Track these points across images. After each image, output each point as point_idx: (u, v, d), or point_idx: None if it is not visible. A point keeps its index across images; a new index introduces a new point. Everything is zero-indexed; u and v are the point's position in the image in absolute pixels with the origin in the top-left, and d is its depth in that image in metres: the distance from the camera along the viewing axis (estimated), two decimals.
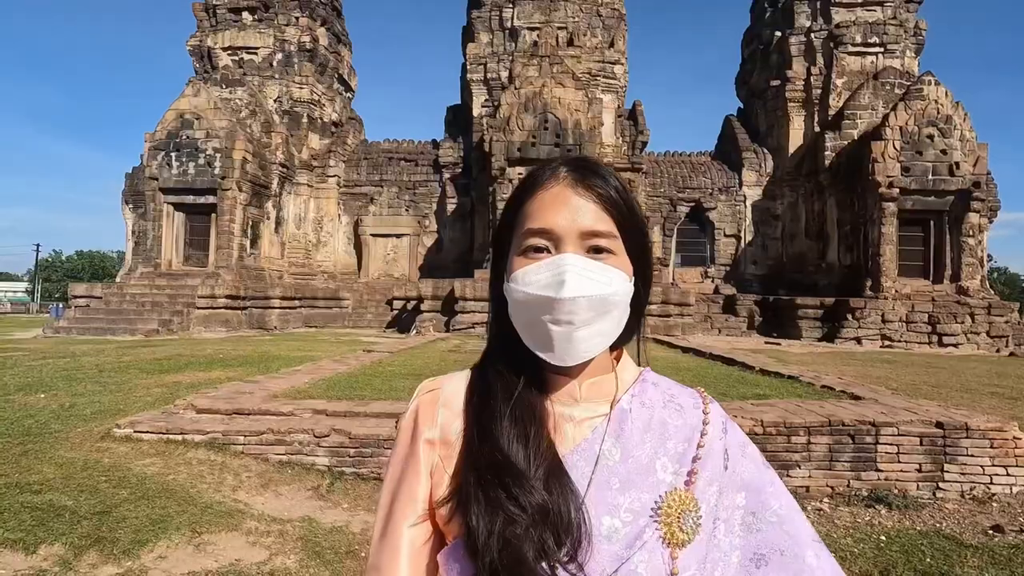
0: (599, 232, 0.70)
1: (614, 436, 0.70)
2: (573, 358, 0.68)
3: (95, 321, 15.45)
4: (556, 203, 0.70)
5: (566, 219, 0.69)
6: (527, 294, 0.68)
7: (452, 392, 0.75)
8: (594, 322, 0.68)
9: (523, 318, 0.70)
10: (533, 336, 0.69)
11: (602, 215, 0.70)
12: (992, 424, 4.10)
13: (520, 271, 0.70)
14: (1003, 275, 56.67)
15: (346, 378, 6.54)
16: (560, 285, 0.66)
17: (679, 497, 0.66)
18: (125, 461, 3.94)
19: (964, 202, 16.67)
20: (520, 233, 0.72)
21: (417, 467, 0.71)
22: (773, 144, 21.26)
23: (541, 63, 18.25)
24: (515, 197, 0.75)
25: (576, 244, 0.69)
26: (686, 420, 0.73)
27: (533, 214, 0.71)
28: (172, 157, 17.60)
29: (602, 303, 0.67)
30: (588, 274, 0.67)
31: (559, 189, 0.71)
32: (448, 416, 0.73)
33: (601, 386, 0.74)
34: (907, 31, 19.63)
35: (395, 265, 21.48)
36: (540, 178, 0.74)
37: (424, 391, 0.76)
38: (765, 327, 18.22)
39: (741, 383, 6.45)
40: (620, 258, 0.71)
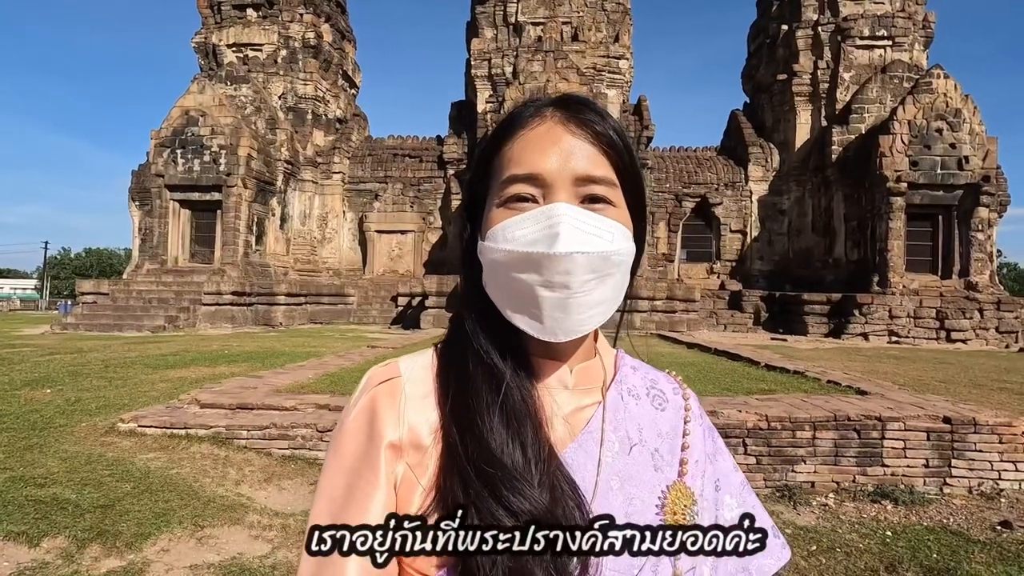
0: (596, 178, 0.58)
1: (612, 428, 0.62)
2: (567, 332, 0.57)
3: (102, 318, 15.55)
4: (544, 143, 0.58)
5: (556, 162, 0.57)
6: (509, 252, 0.55)
7: (416, 379, 0.61)
8: (594, 287, 0.56)
9: (504, 283, 0.57)
10: (517, 305, 0.57)
11: (599, 157, 0.59)
12: (1001, 419, 4.05)
13: (499, 225, 0.57)
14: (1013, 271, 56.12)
15: (349, 373, 6.55)
16: (553, 239, 0.54)
17: (679, 490, 0.62)
18: (129, 455, 3.96)
19: (973, 196, 16.50)
20: (499, 182, 0.59)
21: (375, 481, 0.55)
22: (780, 139, 21.10)
23: (545, 58, 18.18)
24: (492, 140, 0.63)
25: (569, 192, 0.57)
26: (669, 408, 0.68)
27: (516, 158, 0.59)
28: (178, 154, 17.66)
29: (603, 263, 0.56)
30: (586, 227, 0.56)
31: (547, 127, 0.59)
32: (416, 411, 0.58)
33: (590, 372, 0.65)
34: (916, 23, 19.40)
35: (400, 261, 21.50)
36: (522, 115, 0.61)
37: (378, 380, 0.60)
38: (771, 323, 18.13)
39: (746, 378, 6.42)
40: (620, 210, 0.60)
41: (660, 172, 21.11)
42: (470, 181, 0.65)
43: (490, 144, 0.63)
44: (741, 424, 4.06)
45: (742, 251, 20.94)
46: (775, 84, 21.08)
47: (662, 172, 21.15)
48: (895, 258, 16.58)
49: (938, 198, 16.75)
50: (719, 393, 5.25)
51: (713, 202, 20.76)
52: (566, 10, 19.85)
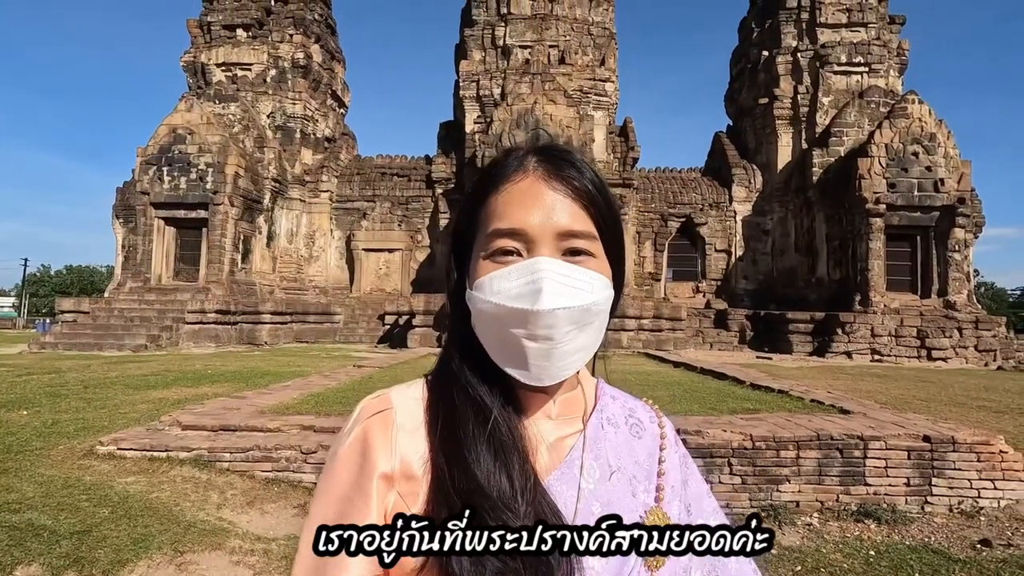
0: (576, 232, 0.61)
1: (592, 456, 0.64)
2: (552, 377, 0.61)
3: (82, 336, 15.27)
4: (527, 199, 0.61)
5: (539, 217, 0.61)
6: (496, 305, 0.59)
7: (407, 411, 0.63)
8: (574, 336, 0.60)
9: (492, 332, 0.61)
10: (504, 353, 0.61)
11: (579, 212, 0.62)
12: (978, 437, 4.12)
13: (486, 277, 0.61)
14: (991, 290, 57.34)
15: (335, 393, 6.49)
16: (536, 295, 0.57)
17: (656, 515, 0.64)
18: (107, 479, 3.88)
19: (949, 218, 16.93)
20: (485, 234, 0.62)
21: (366, 511, 0.57)
22: (762, 160, 21.56)
23: (533, 80, 18.48)
24: (478, 189, 0.66)
25: (551, 246, 0.61)
26: (646, 436, 0.71)
27: (500, 211, 0.62)
28: (164, 172, 17.58)
29: (584, 314, 0.59)
30: (567, 280, 0.59)
31: (529, 182, 0.63)
32: (407, 442, 0.61)
33: (572, 402, 0.68)
34: (890, 51, 20.08)
35: (387, 280, 21.45)
36: (506, 169, 0.65)
37: (370, 412, 0.63)
38: (756, 341, 18.30)
39: (731, 397, 6.46)
40: (599, 261, 0.63)
41: (646, 192, 21.41)
42: (456, 226, 0.68)
43: (475, 193, 0.66)
44: (726, 444, 4.09)
45: (727, 270, 21.21)
46: (757, 108, 21.60)
47: (648, 192, 21.46)
48: (876, 278, 16.90)
49: (916, 219, 17.17)
50: (705, 412, 5.29)
51: (698, 222, 21.07)
52: (553, 34, 20.26)
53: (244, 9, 20.88)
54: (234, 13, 20.85)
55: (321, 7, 22.75)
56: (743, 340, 18.63)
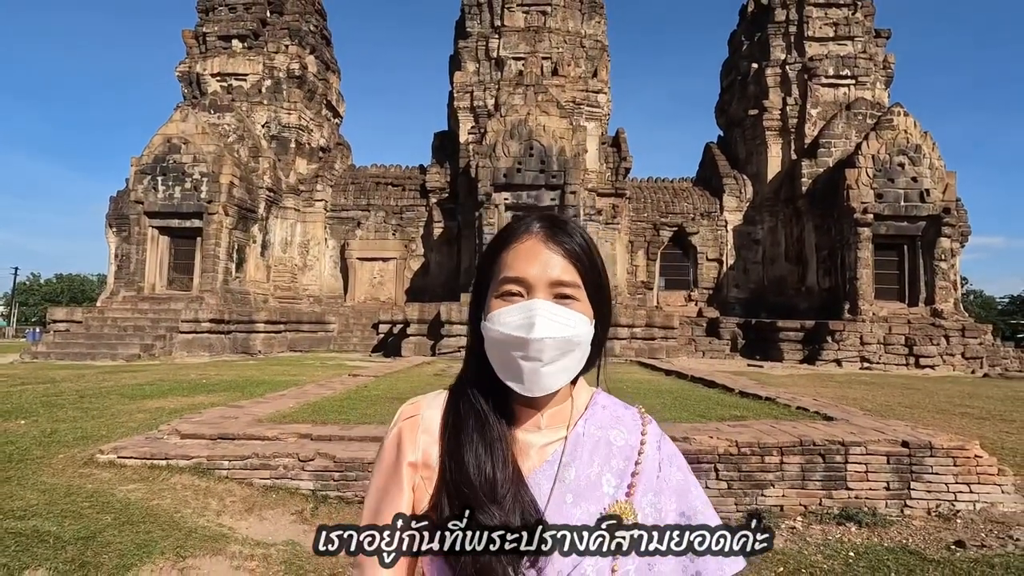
0: (565, 282, 0.81)
1: (570, 458, 0.81)
2: (541, 389, 0.79)
3: (74, 346, 15.23)
4: (529, 255, 0.82)
5: (537, 269, 0.81)
6: (502, 333, 0.79)
7: (430, 417, 0.85)
8: (559, 359, 0.78)
9: (497, 353, 0.80)
10: (506, 369, 0.80)
11: (568, 267, 0.82)
12: (955, 443, 4.27)
13: (496, 312, 0.81)
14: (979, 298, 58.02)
15: (331, 402, 6.57)
16: (531, 327, 0.77)
17: (619, 507, 0.79)
18: (109, 487, 3.95)
19: (935, 227, 17.25)
20: (498, 279, 0.83)
21: (400, 484, 0.81)
22: (752, 171, 21.87)
23: (526, 92, 18.73)
24: (493, 246, 0.87)
25: (545, 291, 0.81)
26: (627, 440, 0.85)
27: (509, 263, 0.82)
28: (158, 181, 17.64)
29: (566, 343, 0.78)
30: (555, 317, 0.79)
31: (532, 243, 0.83)
32: (428, 441, 0.83)
33: (560, 413, 0.85)
34: (876, 64, 20.50)
35: (382, 289, 21.52)
36: (516, 231, 0.85)
37: (405, 416, 0.86)
38: (748, 350, 18.49)
39: (720, 405, 6.60)
40: (582, 304, 0.82)
41: (638, 202, 21.66)
42: (478, 270, 0.89)
43: (490, 249, 0.87)
44: (712, 450, 4.21)
45: (719, 279, 21.44)
46: (747, 119, 21.95)
47: (640, 202, 21.70)
48: (864, 286, 17.16)
49: (903, 229, 17.48)
50: (693, 419, 5.42)
51: (690, 231, 21.31)
52: (546, 46, 20.55)
53: (239, 20, 21.06)
54: (229, 24, 21.02)
55: (316, 19, 22.97)
56: (735, 348, 18.82)
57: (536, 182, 17.80)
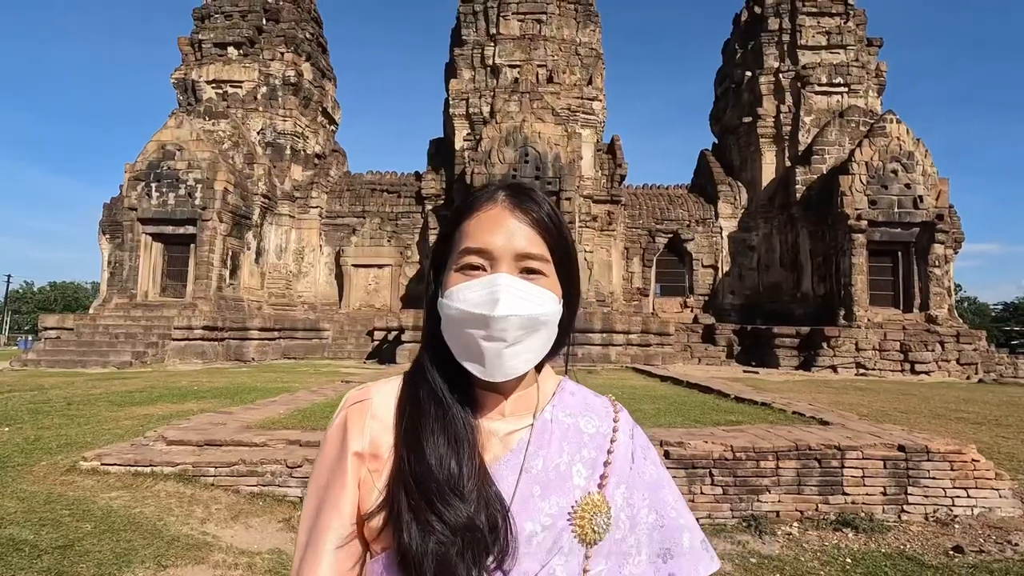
0: (532, 254, 0.73)
1: (536, 446, 0.73)
2: (503, 374, 0.71)
3: (66, 353, 15.08)
4: (493, 224, 0.73)
5: (502, 240, 0.72)
6: (461, 310, 0.70)
7: (381, 403, 0.75)
8: (524, 340, 0.70)
9: (456, 333, 0.72)
10: (465, 351, 0.71)
11: (535, 238, 0.73)
12: (951, 447, 4.22)
13: (455, 287, 0.72)
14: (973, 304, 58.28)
15: (322, 408, 6.48)
16: (494, 303, 0.69)
17: (592, 500, 0.72)
18: (91, 494, 3.86)
19: (929, 234, 17.31)
20: (458, 251, 0.74)
21: (344, 480, 0.71)
22: (747, 178, 21.95)
23: (522, 99, 18.77)
24: (455, 215, 0.78)
25: (510, 264, 0.72)
26: (599, 427, 0.78)
27: (471, 233, 0.74)
28: (152, 187, 17.56)
29: (532, 322, 0.70)
30: (520, 294, 0.70)
31: (497, 211, 0.74)
32: (377, 428, 0.73)
33: (525, 399, 0.77)
34: (869, 72, 20.66)
35: (377, 296, 21.43)
36: (479, 199, 0.77)
37: (352, 401, 0.76)
38: (744, 356, 18.46)
39: (716, 410, 6.54)
40: (550, 280, 0.74)
41: (634, 209, 21.68)
42: (436, 245, 0.80)
43: (452, 219, 0.78)
44: (707, 455, 4.15)
45: (714, 285, 21.45)
46: (741, 126, 22.05)
47: (636, 209, 21.73)
48: (859, 292, 17.18)
49: (896, 235, 17.53)
50: (688, 424, 5.36)
51: (685, 238, 21.34)
52: (541, 54, 20.64)
53: (235, 27, 21.08)
54: (225, 31, 21.05)
55: (313, 27, 23.03)
56: (731, 355, 18.79)
57: None
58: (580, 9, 21.47)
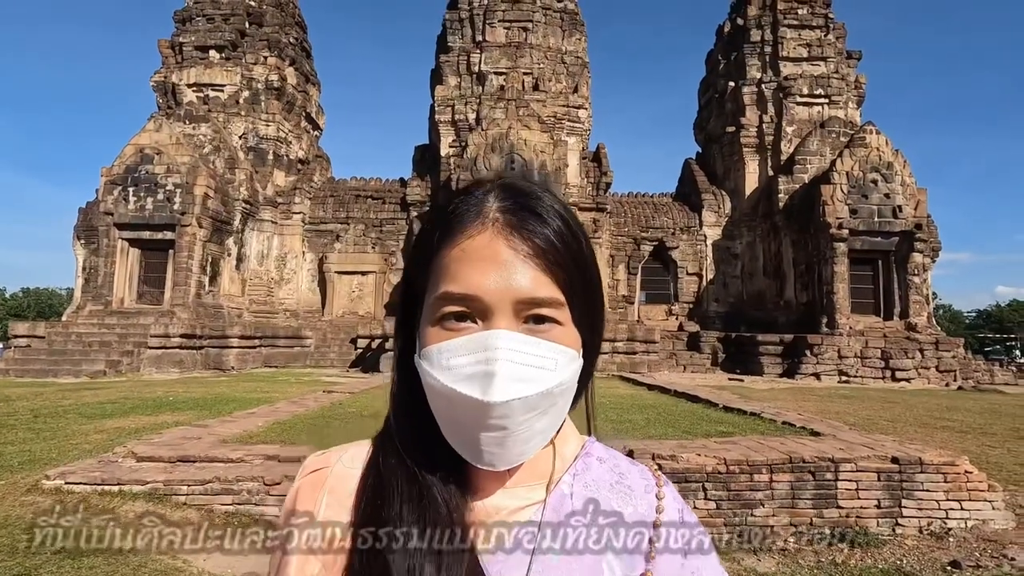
0: (539, 300, 0.53)
1: (551, 530, 0.55)
2: (507, 462, 0.53)
3: (36, 362, 14.58)
4: (483, 259, 0.53)
5: (496, 282, 0.52)
6: (445, 386, 0.51)
7: (342, 474, 0.57)
8: (534, 422, 0.52)
9: (442, 411, 0.53)
10: (455, 435, 0.54)
11: (542, 277, 0.53)
12: (944, 459, 4.18)
13: (435, 347, 0.52)
14: (948, 312, 59.57)
15: (302, 421, 6.29)
16: (488, 380, 0.50)
17: None
18: None
19: (908, 243, 17.60)
20: (435, 296, 0.54)
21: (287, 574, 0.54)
22: (730, 186, 22.16)
23: (508, 106, 18.75)
24: (427, 233, 0.57)
25: (509, 317, 0.52)
26: (636, 507, 0.59)
27: (452, 271, 0.53)
28: (130, 192, 17.15)
29: (544, 399, 0.52)
30: (525, 357, 0.51)
31: (488, 238, 0.54)
32: (334, 508, 0.55)
33: (535, 466, 0.58)
34: (848, 84, 21.04)
35: (360, 303, 21.14)
36: (463, 216, 0.55)
37: (308, 470, 0.59)
38: (728, 363, 18.53)
39: (705, 420, 6.48)
40: (567, 329, 0.55)
41: (619, 216, 21.75)
42: (407, 268, 0.61)
43: (425, 239, 0.58)
44: (701, 468, 4.06)
45: (699, 293, 21.56)
46: (725, 136, 22.29)
47: (621, 217, 21.80)
48: (841, 300, 17.37)
49: (877, 244, 17.80)
50: (679, 436, 5.27)
51: (670, 246, 21.44)
52: (527, 62, 20.67)
53: (217, 31, 20.78)
54: (207, 34, 20.73)
55: (297, 31, 22.81)
56: (715, 362, 18.85)
57: None
58: (566, 18, 21.58)
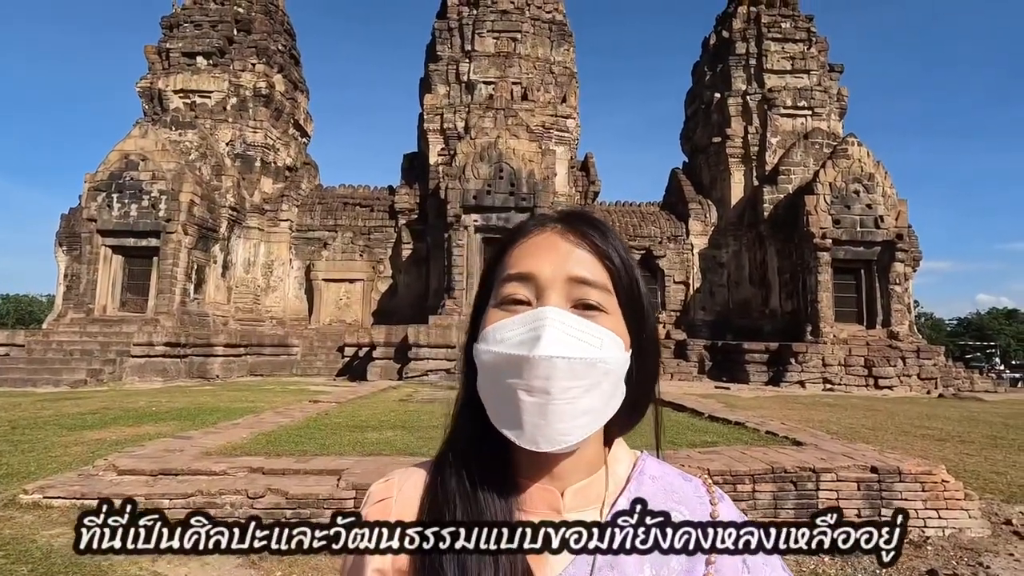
0: (589, 280, 0.58)
1: (607, 556, 0.55)
2: (549, 440, 0.54)
3: (14, 372, 14.29)
4: (542, 248, 0.60)
5: (551, 263, 0.58)
6: (496, 353, 0.55)
7: (407, 501, 0.60)
8: (578, 396, 0.54)
9: (490, 386, 0.56)
10: (501, 409, 0.56)
11: (593, 263, 0.59)
12: (922, 468, 4.26)
13: (492, 327, 0.57)
14: (929, 320, 60.54)
15: (288, 432, 6.23)
16: (535, 342, 0.53)
17: None
18: (30, 532, 3.57)
19: (890, 252, 17.92)
20: (498, 281, 0.61)
21: None
22: (716, 196, 22.43)
23: (496, 115, 18.85)
24: (497, 250, 0.65)
25: (561, 294, 0.57)
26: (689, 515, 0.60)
27: (515, 260, 0.60)
28: (114, 198, 16.96)
29: (588, 369, 0.54)
30: (571, 330, 0.55)
31: (548, 235, 0.61)
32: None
33: (589, 490, 0.60)
34: (831, 97, 21.46)
35: (348, 311, 21.03)
36: (527, 226, 0.64)
37: (374, 500, 0.62)
38: (715, 371, 18.67)
39: (691, 430, 6.53)
40: (614, 319, 0.58)
41: None
42: (480, 286, 0.65)
43: (496, 253, 0.65)
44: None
45: (685, 301, 21.73)
46: (711, 146, 22.58)
47: None
48: (825, 309, 17.61)
49: (859, 253, 18.09)
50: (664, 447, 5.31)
51: (657, 254, 21.61)
52: (516, 71, 20.82)
53: (205, 37, 20.70)
54: (195, 41, 20.64)
55: (285, 38, 22.78)
56: (702, 370, 18.98)
57: (506, 204, 17.81)
58: (554, 29, 21.79)
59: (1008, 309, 63.03)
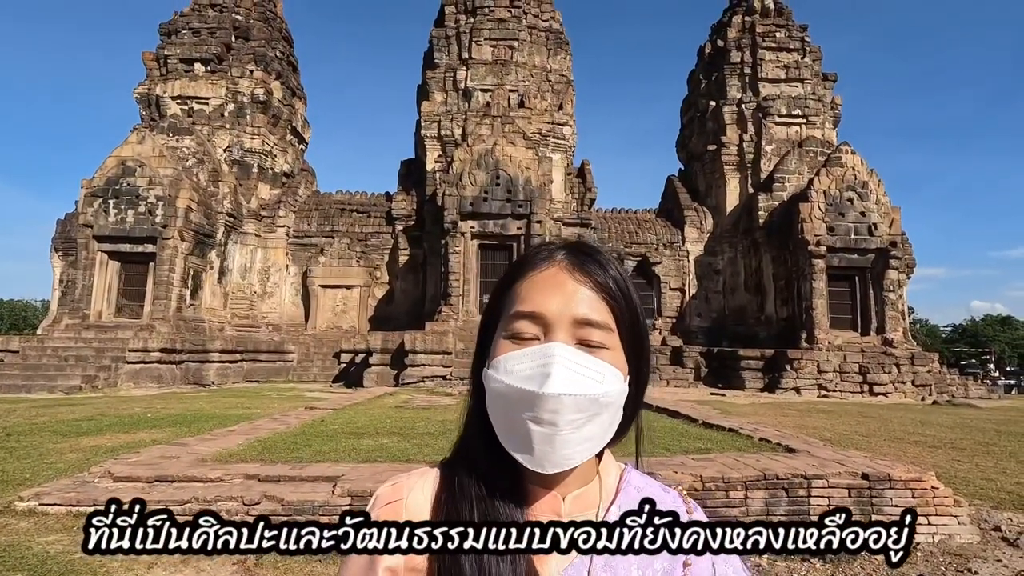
0: (593, 322, 0.64)
1: (603, 556, 0.62)
2: (554, 464, 0.61)
3: (8, 378, 14.24)
4: (549, 286, 0.65)
5: (558, 304, 0.64)
6: (507, 385, 0.61)
7: (417, 503, 0.65)
8: (581, 426, 0.60)
9: (501, 412, 0.63)
10: (510, 434, 0.62)
11: (598, 304, 0.65)
12: (912, 474, 4.31)
13: (502, 357, 0.63)
14: (924, 327, 60.81)
15: (284, 438, 6.25)
16: (544, 378, 0.59)
17: None
18: (25, 539, 3.58)
19: (883, 260, 18.05)
20: (508, 315, 0.66)
21: None
22: (712, 203, 22.57)
23: (493, 122, 18.96)
24: (506, 277, 0.70)
25: (567, 333, 0.63)
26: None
27: (523, 296, 0.66)
28: (110, 204, 16.96)
29: (591, 404, 0.60)
30: (577, 368, 0.61)
31: (554, 271, 0.66)
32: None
33: (585, 498, 0.67)
34: (825, 105, 21.66)
35: (344, 317, 21.03)
36: (535, 258, 0.69)
37: (383, 503, 0.66)
38: (711, 377, 18.73)
39: (685, 436, 6.57)
40: (615, 354, 0.65)
41: (603, 232, 21.99)
42: (485, 311, 0.71)
43: (505, 279, 0.70)
44: (677, 485, 4.13)
45: (681, 308, 21.81)
46: (706, 154, 22.74)
47: (605, 232, 22.05)
48: (819, 316, 17.71)
49: (854, 261, 18.22)
50: (659, 453, 5.35)
51: (653, 261, 21.71)
52: (513, 79, 20.95)
53: (203, 44, 20.78)
54: (193, 47, 20.72)
55: (283, 45, 22.89)
56: (698, 376, 19.03)
57: (502, 211, 17.89)
58: (551, 37, 21.95)
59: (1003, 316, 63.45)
